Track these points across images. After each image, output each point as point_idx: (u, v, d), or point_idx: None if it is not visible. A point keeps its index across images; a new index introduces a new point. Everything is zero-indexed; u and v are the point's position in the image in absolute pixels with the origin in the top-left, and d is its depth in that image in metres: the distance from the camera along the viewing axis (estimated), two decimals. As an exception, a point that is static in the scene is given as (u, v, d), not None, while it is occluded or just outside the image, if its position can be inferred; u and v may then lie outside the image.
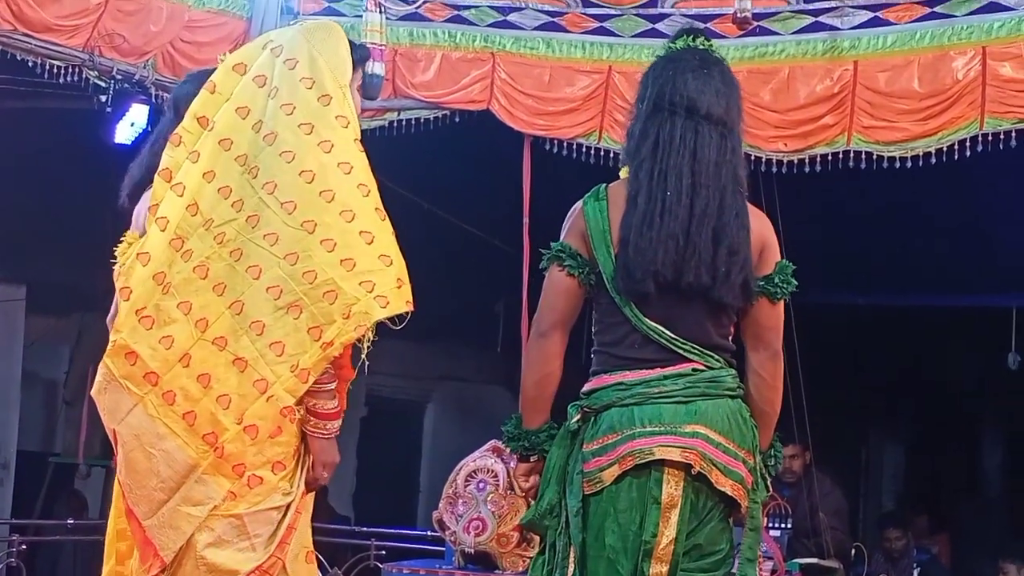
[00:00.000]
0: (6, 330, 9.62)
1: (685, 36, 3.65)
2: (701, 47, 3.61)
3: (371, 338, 3.47)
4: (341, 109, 3.55)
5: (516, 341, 7.31)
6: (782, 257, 3.57)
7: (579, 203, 3.57)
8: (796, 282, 3.52)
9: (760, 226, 3.54)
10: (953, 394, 12.03)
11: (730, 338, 3.56)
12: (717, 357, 3.48)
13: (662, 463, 3.37)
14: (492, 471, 5.95)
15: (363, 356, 3.50)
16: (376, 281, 3.43)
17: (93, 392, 3.48)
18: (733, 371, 3.52)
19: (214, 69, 3.69)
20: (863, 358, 11.55)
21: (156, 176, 3.56)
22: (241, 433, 3.41)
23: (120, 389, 3.42)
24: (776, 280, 3.50)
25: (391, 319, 3.45)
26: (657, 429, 3.38)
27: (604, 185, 3.58)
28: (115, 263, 3.65)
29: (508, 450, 3.92)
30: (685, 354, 3.44)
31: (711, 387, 3.44)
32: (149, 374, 3.40)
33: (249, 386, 3.42)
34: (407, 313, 3.46)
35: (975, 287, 9.55)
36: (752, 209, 3.57)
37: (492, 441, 6.04)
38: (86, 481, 10.01)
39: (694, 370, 3.44)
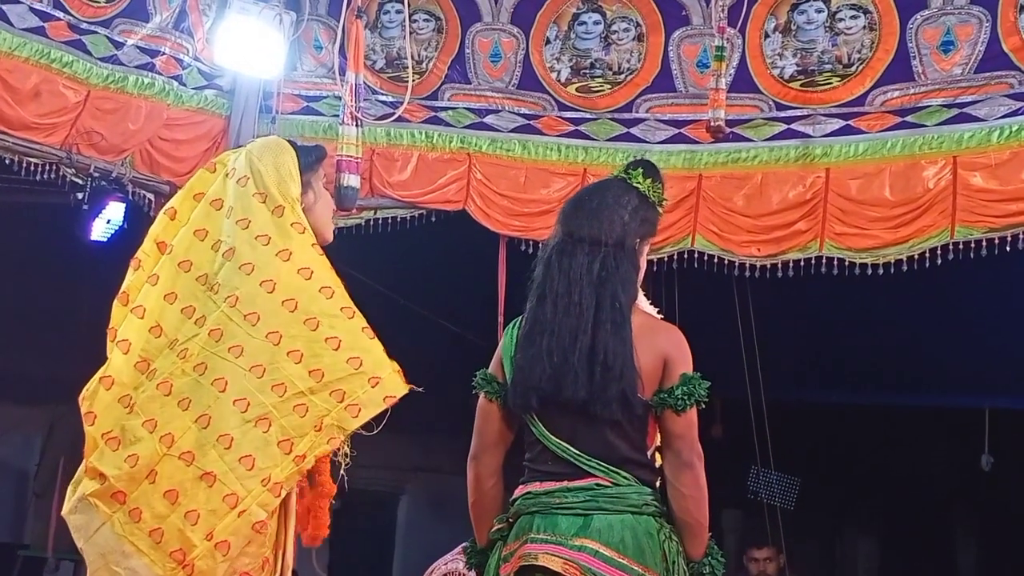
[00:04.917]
0: (-23, 420, 9.57)
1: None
2: (619, 176, 3.69)
3: (348, 451, 3.48)
4: (295, 217, 3.57)
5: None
6: (695, 368, 3.54)
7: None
8: (705, 393, 3.49)
9: (663, 340, 3.56)
10: (927, 492, 12.02)
11: (648, 452, 3.58)
12: (625, 474, 3.51)
13: (546, 571, 3.44)
14: (462, 575, 5.91)
15: (342, 471, 3.52)
16: (346, 389, 3.42)
17: (64, 512, 3.45)
18: (647, 488, 3.53)
19: None
20: (837, 456, 11.54)
21: (115, 300, 3.57)
22: (212, 550, 3.36)
23: (90, 508, 3.39)
24: (677, 393, 3.49)
25: (366, 424, 3.43)
26: (548, 538, 3.47)
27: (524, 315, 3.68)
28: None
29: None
30: (589, 470, 3.51)
31: (611, 503, 3.48)
32: (116, 493, 3.36)
33: (219, 501, 3.37)
34: (386, 412, 3.45)
35: (948, 388, 9.57)
36: (656, 323, 3.65)
37: (463, 544, 6.00)
38: (55, 575, 9.90)
39: (598, 485, 3.50)
